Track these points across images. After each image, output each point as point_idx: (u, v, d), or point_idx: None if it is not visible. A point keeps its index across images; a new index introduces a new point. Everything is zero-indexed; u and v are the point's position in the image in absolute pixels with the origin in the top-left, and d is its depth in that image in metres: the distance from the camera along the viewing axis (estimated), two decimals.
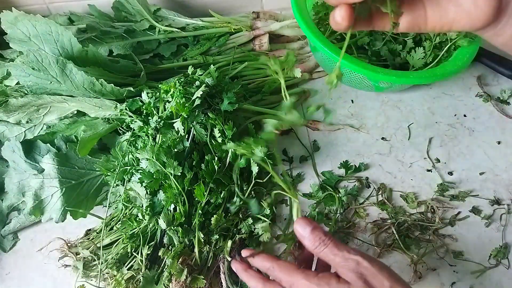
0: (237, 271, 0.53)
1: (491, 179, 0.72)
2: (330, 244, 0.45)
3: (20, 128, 0.68)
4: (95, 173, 0.67)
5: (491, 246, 0.65)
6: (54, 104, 0.67)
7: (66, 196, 0.64)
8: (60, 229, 0.69)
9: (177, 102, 0.61)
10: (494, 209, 0.69)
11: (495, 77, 0.85)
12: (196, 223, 0.60)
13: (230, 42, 0.87)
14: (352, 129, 0.79)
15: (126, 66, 0.74)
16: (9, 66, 0.64)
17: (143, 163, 0.62)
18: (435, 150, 0.76)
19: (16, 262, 0.69)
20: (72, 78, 0.63)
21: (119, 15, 0.86)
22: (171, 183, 0.60)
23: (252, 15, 0.91)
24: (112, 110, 0.67)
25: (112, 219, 0.66)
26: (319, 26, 0.83)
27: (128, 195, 0.63)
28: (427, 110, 0.81)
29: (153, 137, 0.64)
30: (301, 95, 0.83)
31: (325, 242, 0.45)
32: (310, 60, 0.88)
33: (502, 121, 0.78)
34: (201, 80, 0.65)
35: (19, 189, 0.66)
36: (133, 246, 0.61)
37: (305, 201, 0.71)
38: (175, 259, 0.57)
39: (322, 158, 0.76)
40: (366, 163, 0.74)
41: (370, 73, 0.68)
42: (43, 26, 0.66)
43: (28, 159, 0.67)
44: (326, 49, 0.69)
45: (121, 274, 0.59)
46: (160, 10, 0.87)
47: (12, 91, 0.68)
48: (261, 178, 0.64)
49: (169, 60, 0.84)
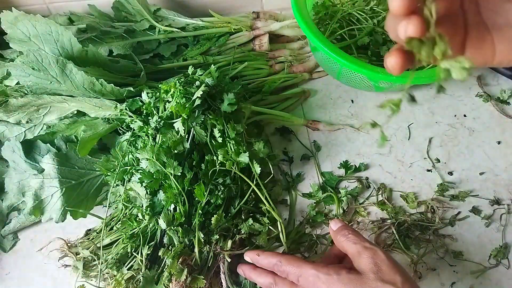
0: (244, 272, 0.53)
1: (491, 179, 0.72)
2: (351, 234, 0.49)
3: (20, 128, 0.68)
4: (95, 173, 0.67)
5: (491, 246, 0.65)
6: (54, 104, 0.67)
7: (66, 196, 0.64)
8: (60, 229, 0.69)
9: (177, 102, 0.61)
10: (494, 209, 0.69)
11: (495, 77, 0.85)
12: (196, 223, 0.60)
13: (230, 42, 0.87)
14: (352, 129, 0.79)
15: (126, 66, 0.74)
16: (9, 66, 0.64)
17: (143, 163, 0.62)
18: (435, 150, 0.76)
19: (16, 262, 0.69)
20: (72, 78, 0.63)
21: (119, 15, 0.86)
22: (171, 183, 0.60)
23: (252, 15, 0.91)
24: (112, 110, 0.67)
25: (112, 219, 0.66)
26: (319, 26, 0.83)
27: (128, 195, 0.63)
28: (427, 110, 0.81)
29: (153, 137, 0.64)
30: (301, 95, 0.83)
31: (347, 233, 0.49)
32: (310, 60, 0.88)
33: (502, 121, 0.78)
34: (201, 80, 0.65)
35: (19, 189, 0.66)
36: (133, 246, 0.61)
37: (305, 201, 0.71)
38: (175, 259, 0.57)
39: (322, 158, 0.76)
40: (366, 163, 0.74)
41: (370, 73, 0.68)
42: (43, 26, 0.66)
43: (28, 159, 0.67)
44: (326, 49, 0.69)
45: (121, 274, 0.59)
46: (160, 10, 0.87)
47: (12, 91, 0.68)
48: (261, 178, 0.64)
49: (169, 60, 0.84)
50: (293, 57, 0.88)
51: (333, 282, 0.44)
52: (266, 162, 0.66)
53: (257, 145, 0.65)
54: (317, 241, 0.67)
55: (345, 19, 0.82)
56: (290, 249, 0.65)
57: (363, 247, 0.46)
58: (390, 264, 0.44)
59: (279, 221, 0.63)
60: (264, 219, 0.65)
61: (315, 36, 0.70)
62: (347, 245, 0.48)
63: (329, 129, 0.79)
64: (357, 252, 0.46)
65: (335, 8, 0.82)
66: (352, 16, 0.82)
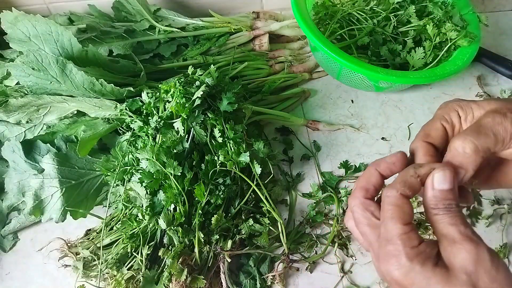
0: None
1: None
2: (455, 208, 0.35)
3: (20, 128, 0.68)
4: (95, 173, 0.67)
5: (491, 246, 0.65)
6: (54, 104, 0.67)
7: (66, 196, 0.64)
8: (60, 229, 0.69)
9: (177, 102, 0.61)
10: (494, 209, 0.69)
11: (495, 77, 0.85)
12: (196, 223, 0.60)
13: (230, 42, 0.87)
14: (352, 129, 0.79)
15: (126, 66, 0.74)
16: (9, 66, 0.64)
17: (143, 163, 0.62)
18: None
19: (16, 262, 0.69)
20: (72, 78, 0.63)
21: (119, 15, 0.86)
22: (171, 183, 0.60)
23: (252, 15, 0.91)
24: (112, 110, 0.67)
25: (112, 219, 0.66)
26: (319, 26, 0.83)
27: (128, 195, 0.63)
28: (427, 110, 0.81)
29: (153, 137, 0.64)
30: (301, 95, 0.83)
31: (453, 204, 0.35)
32: (310, 60, 0.88)
33: None
34: (201, 80, 0.65)
35: (19, 189, 0.66)
36: (133, 246, 0.61)
37: (305, 201, 0.71)
38: (175, 259, 0.57)
39: (322, 158, 0.76)
40: (366, 163, 0.74)
41: (370, 73, 0.68)
42: (43, 26, 0.66)
43: (28, 159, 0.67)
44: (326, 49, 0.69)
45: (121, 274, 0.59)
46: (160, 10, 0.87)
47: (12, 91, 0.68)
48: (261, 179, 0.64)
49: (169, 60, 0.84)
50: (293, 57, 0.88)
51: (413, 272, 0.33)
52: (266, 162, 0.66)
53: (257, 145, 0.65)
54: (317, 241, 0.67)
55: (345, 19, 0.82)
56: (290, 249, 0.65)
57: (464, 236, 0.33)
58: (493, 271, 0.32)
59: (280, 221, 0.63)
60: (264, 220, 0.65)
61: (315, 36, 0.70)
62: (443, 221, 0.35)
63: (329, 129, 0.79)
64: (453, 238, 0.34)
65: (335, 8, 0.82)
66: (352, 16, 0.82)
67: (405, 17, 0.80)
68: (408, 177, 0.37)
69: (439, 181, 0.36)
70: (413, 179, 0.37)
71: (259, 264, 0.64)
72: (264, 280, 0.62)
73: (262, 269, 0.63)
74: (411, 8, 0.78)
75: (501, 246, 0.65)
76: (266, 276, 0.63)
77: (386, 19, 0.81)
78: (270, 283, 0.63)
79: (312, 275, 0.64)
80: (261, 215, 0.66)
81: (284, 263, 0.63)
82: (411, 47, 0.77)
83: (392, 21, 0.79)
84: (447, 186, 0.36)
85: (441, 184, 0.36)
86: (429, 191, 0.36)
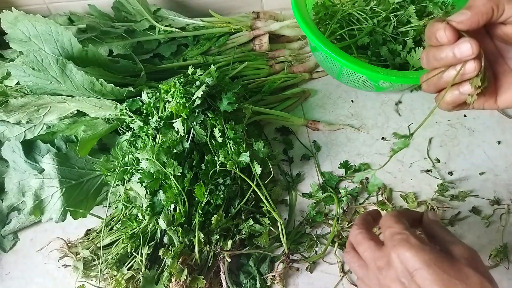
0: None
1: (491, 179, 0.72)
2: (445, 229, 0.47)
3: (20, 128, 0.68)
4: (95, 173, 0.67)
5: (491, 246, 0.65)
6: (54, 104, 0.67)
7: (66, 196, 0.64)
8: (60, 229, 0.69)
9: (177, 102, 0.61)
10: (494, 209, 0.69)
11: None
12: (196, 223, 0.60)
13: (230, 42, 0.87)
14: (352, 129, 0.79)
15: (126, 66, 0.74)
16: (9, 66, 0.64)
17: (143, 163, 0.62)
18: (435, 150, 0.76)
19: (16, 262, 0.69)
20: (72, 78, 0.63)
21: (119, 15, 0.86)
22: (171, 183, 0.60)
23: (252, 15, 0.91)
24: (112, 110, 0.67)
25: (112, 219, 0.66)
26: (319, 26, 0.83)
27: (128, 195, 0.63)
28: (427, 110, 0.81)
29: (153, 137, 0.64)
30: (301, 95, 0.83)
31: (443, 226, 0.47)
32: (310, 60, 0.88)
33: (502, 121, 0.78)
34: (201, 80, 0.65)
35: (19, 189, 0.66)
36: (133, 246, 0.61)
37: (305, 201, 0.71)
38: (175, 259, 0.57)
39: (322, 158, 0.76)
40: (366, 163, 0.74)
41: (370, 73, 0.68)
42: (43, 26, 0.66)
43: (28, 159, 0.67)
44: (326, 49, 0.69)
45: (121, 274, 0.59)
46: (160, 10, 0.87)
47: (12, 91, 0.68)
48: (261, 179, 0.64)
49: (169, 60, 0.84)
50: (293, 57, 0.88)
51: (424, 251, 0.40)
52: (266, 162, 0.66)
53: (257, 145, 0.65)
54: (317, 241, 0.67)
55: (345, 19, 0.82)
56: (290, 249, 0.65)
57: (458, 240, 0.44)
58: (482, 261, 0.41)
59: (280, 221, 0.63)
60: (264, 220, 0.65)
61: (315, 36, 0.70)
62: (442, 232, 0.45)
63: (329, 129, 0.79)
64: (452, 240, 0.43)
65: (335, 8, 0.82)
66: (352, 16, 0.82)
67: (405, 17, 0.80)
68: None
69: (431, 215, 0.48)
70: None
71: (259, 264, 0.64)
72: (264, 280, 0.62)
73: (262, 269, 0.64)
74: (411, 8, 0.78)
75: (501, 246, 0.65)
76: (266, 276, 0.63)
77: (386, 19, 0.81)
78: (270, 283, 0.63)
79: (312, 275, 0.64)
80: (261, 215, 0.66)
81: (284, 263, 0.63)
82: (411, 47, 0.77)
83: (392, 21, 0.79)
84: (435, 219, 0.48)
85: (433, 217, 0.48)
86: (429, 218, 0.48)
